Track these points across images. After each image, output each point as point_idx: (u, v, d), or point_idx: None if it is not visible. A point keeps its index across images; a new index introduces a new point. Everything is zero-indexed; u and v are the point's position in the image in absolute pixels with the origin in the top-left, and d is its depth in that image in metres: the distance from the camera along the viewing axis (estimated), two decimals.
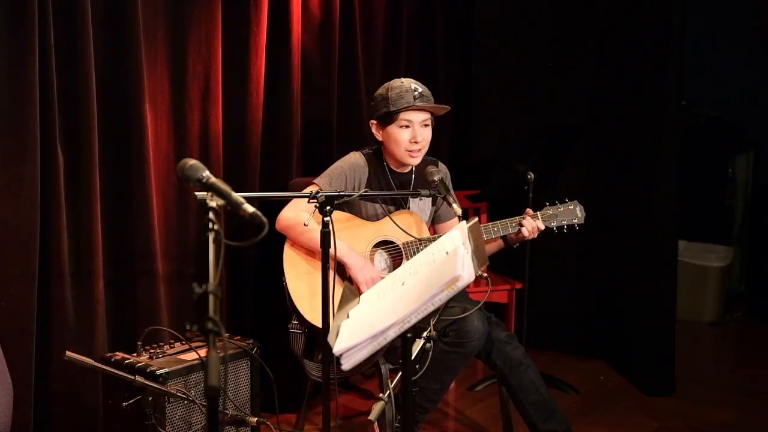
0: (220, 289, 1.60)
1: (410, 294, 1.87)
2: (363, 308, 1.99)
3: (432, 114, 3.07)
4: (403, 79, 3.07)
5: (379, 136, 3.10)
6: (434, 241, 2.07)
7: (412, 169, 3.16)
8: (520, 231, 3.00)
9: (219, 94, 3.28)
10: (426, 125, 3.05)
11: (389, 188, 3.12)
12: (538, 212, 3.06)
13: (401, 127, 3.02)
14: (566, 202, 3.10)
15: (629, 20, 4.18)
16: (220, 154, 3.32)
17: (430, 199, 3.17)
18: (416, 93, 3.01)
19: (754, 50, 5.63)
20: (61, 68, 2.73)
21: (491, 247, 3.11)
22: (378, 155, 3.16)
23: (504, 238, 3.08)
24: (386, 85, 3.08)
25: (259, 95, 3.42)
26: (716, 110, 5.58)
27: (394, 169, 3.15)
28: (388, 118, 3.02)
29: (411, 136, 3.02)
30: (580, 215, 3.09)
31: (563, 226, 3.08)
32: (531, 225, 3.01)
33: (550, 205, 3.09)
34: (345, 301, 2.09)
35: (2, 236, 2.64)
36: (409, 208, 3.16)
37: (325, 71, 3.74)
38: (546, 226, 3.05)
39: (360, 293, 2.69)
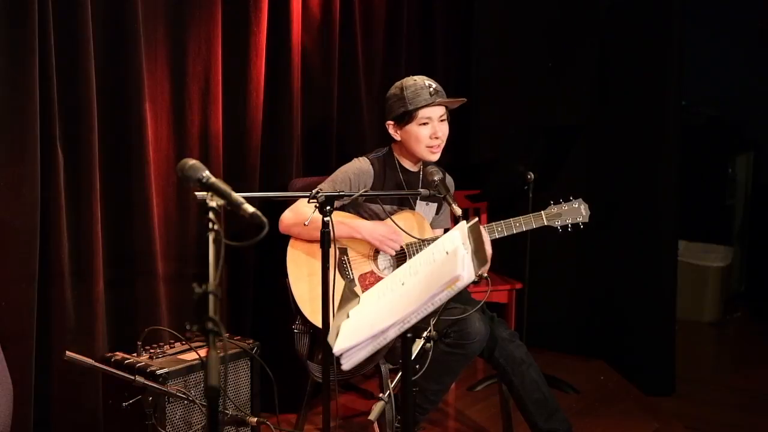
0: (220, 289, 1.59)
1: (410, 294, 1.87)
2: (363, 308, 2.00)
3: (447, 108, 3.09)
4: (415, 77, 3.08)
5: (397, 135, 3.10)
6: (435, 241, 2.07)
7: (420, 169, 3.16)
8: None
9: (219, 94, 3.27)
10: (443, 120, 3.07)
11: (400, 188, 3.13)
12: (542, 211, 3.06)
13: (421, 124, 3.03)
14: (570, 200, 3.09)
15: (629, 20, 4.17)
16: (220, 154, 3.32)
17: (435, 206, 3.20)
18: (431, 89, 3.02)
19: (754, 50, 5.62)
20: (61, 68, 2.73)
21: None
22: (388, 157, 3.16)
23: None
24: (399, 84, 3.08)
25: (259, 95, 3.42)
26: (716, 110, 5.58)
27: (407, 167, 3.16)
28: (406, 117, 3.03)
29: (431, 132, 3.03)
30: (584, 214, 3.08)
31: (567, 225, 3.08)
32: None
33: (554, 204, 3.08)
34: (345, 301, 2.09)
35: (2, 236, 2.63)
36: (414, 209, 3.16)
37: (325, 71, 3.73)
38: (550, 225, 3.05)
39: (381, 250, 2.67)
